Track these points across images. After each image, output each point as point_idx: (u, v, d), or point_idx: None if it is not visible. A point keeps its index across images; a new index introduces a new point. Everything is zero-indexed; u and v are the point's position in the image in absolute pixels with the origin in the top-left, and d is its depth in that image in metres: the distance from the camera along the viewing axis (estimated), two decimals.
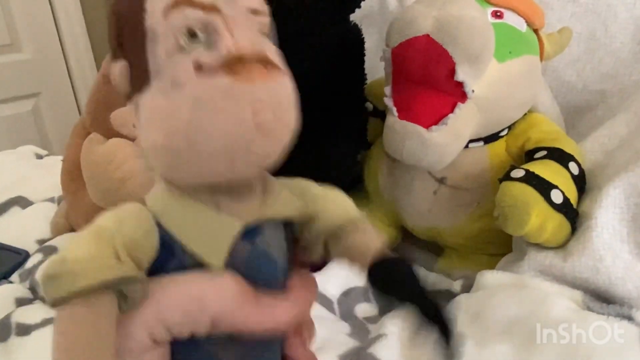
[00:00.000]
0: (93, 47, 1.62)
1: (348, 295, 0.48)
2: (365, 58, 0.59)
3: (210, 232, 0.21)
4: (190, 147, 0.19)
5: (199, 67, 0.19)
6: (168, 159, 0.20)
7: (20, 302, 0.50)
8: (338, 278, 0.48)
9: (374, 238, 0.25)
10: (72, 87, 1.60)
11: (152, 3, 0.20)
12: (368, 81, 0.60)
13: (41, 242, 0.61)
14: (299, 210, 0.24)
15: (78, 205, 0.56)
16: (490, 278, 0.44)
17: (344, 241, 0.25)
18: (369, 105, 0.61)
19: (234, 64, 0.19)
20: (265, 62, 0.20)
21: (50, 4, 1.50)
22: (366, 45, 0.58)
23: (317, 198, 0.25)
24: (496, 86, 0.45)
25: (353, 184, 0.63)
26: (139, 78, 0.20)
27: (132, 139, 0.50)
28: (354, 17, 0.57)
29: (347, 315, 0.47)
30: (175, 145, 0.19)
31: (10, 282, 0.55)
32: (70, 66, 1.58)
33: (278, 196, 0.24)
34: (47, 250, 0.58)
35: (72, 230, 0.61)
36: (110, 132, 0.51)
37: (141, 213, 0.21)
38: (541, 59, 0.50)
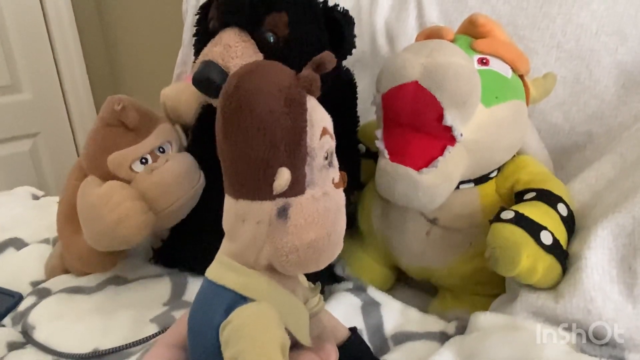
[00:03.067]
0: (92, 89, 1.64)
1: None
2: (358, 101, 0.60)
3: (302, 319, 0.28)
4: (330, 242, 0.26)
5: (334, 182, 0.27)
6: (312, 253, 0.25)
7: (12, 347, 0.49)
8: None
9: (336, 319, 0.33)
10: (71, 128, 1.62)
11: (312, 129, 0.26)
12: (361, 123, 0.61)
13: (35, 284, 0.61)
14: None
15: (73, 247, 0.56)
16: (483, 320, 0.44)
17: (318, 321, 0.30)
18: (362, 147, 0.62)
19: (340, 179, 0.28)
20: None
21: (51, 45, 1.53)
22: (359, 89, 0.60)
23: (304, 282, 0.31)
24: (484, 130, 0.46)
25: (347, 224, 0.63)
26: (297, 184, 0.25)
27: (128, 182, 0.51)
28: (347, 61, 0.58)
29: None
30: (323, 241, 0.25)
31: (2, 326, 0.54)
32: (69, 107, 1.60)
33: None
34: (41, 292, 0.57)
35: (66, 272, 0.61)
36: (107, 175, 0.52)
37: (277, 315, 0.25)
38: (527, 103, 0.51)
